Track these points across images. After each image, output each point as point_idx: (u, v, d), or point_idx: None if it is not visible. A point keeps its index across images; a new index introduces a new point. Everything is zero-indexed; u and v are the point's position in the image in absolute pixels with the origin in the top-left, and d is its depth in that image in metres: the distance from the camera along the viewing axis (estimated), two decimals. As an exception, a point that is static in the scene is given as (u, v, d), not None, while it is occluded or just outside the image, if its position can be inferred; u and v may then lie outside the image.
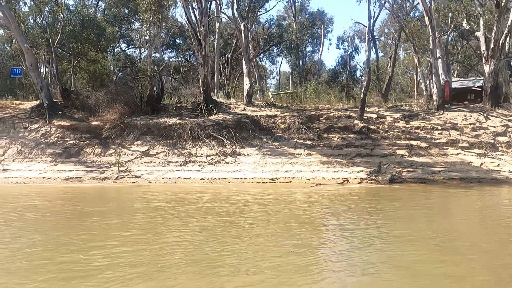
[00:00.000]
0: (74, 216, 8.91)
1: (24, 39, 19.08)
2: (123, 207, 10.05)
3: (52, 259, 5.86)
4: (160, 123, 18.63)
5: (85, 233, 7.31)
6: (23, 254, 6.10)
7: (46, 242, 6.80)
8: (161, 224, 8.12)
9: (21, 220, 8.47)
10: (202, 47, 18.70)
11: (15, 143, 18.07)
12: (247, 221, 8.29)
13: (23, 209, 9.58)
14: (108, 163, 16.54)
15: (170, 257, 5.95)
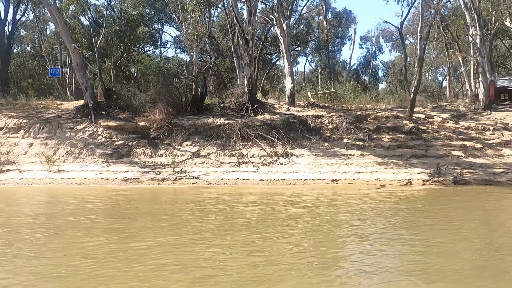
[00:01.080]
0: (180, 220, 8.73)
1: (71, 39, 19.00)
2: (216, 210, 9.83)
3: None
4: (207, 123, 18.49)
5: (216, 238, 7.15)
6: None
7: (196, 241, 6.65)
8: (292, 228, 7.77)
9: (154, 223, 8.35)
10: (249, 47, 18.54)
11: (63, 143, 18.02)
12: (371, 228, 7.89)
13: (131, 211, 9.48)
14: (161, 164, 16.44)
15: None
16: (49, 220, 8.67)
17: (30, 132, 18.79)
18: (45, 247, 6.50)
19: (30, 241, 6.89)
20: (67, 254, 6.09)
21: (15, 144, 18.09)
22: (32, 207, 10.21)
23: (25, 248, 6.46)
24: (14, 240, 6.92)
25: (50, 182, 14.58)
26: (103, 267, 5.51)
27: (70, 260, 5.78)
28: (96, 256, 5.97)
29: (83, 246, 6.48)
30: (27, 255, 6.04)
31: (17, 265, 5.62)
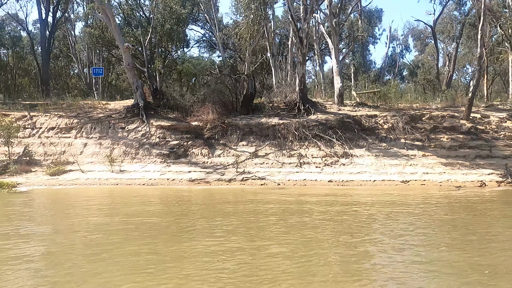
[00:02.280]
0: (292, 223, 8.53)
1: (123, 38, 18.86)
2: (312, 211, 9.63)
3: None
4: (262, 123, 18.29)
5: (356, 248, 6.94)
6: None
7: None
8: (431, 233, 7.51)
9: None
10: (303, 45, 18.31)
11: (118, 143, 17.90)
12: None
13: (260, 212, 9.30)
14: (221, 164, 16.26)
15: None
16: (180, 221, 8.51)
17: (82, 132, 18.69)
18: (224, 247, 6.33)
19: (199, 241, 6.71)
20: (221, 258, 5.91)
21: (69, 144, 18.00)
22: (141, 207, 10.01)
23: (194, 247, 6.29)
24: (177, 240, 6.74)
25: (117, 182, 14.45)
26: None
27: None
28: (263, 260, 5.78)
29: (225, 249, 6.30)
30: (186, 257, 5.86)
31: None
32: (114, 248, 6.48)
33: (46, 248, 6.59)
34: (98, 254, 6.15)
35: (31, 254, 6.20)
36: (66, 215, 9.29)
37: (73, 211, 9.73)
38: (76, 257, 6.11)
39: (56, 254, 6.27)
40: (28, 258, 6.01)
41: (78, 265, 5.71)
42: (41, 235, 7.42)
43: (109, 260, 5.89)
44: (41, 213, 9.70)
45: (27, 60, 44.86)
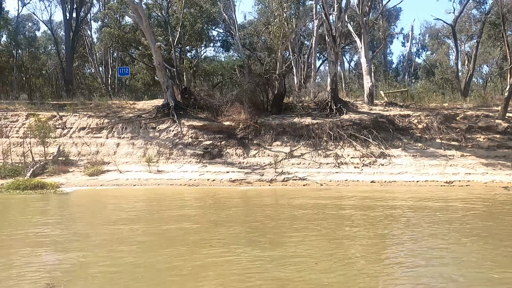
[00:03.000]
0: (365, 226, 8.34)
1: (154, 38, 18.75)
2: (376, 215, 9.43)
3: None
4: (295, 123, 18.14)
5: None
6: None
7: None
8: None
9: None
10: (336, 44, 18.15)
11: (151, 143, 17.80)
12: None
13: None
14: (258, 164, 16.12)
15: None
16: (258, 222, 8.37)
17: (114, 132, 18.61)
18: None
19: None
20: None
21: (102, 144, 17.92)
22: (209, 210, 9.87)
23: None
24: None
25: (158, 183, 14.33)
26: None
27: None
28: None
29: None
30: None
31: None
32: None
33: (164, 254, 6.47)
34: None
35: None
36: (139, 218, 9.14)
37: (141, 214, 9.52)
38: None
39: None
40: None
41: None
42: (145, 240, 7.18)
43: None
44: (109, 217, 9.39)
45: (41, 60, 44.91)
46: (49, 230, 7.80)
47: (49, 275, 5.26)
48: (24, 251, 6.32)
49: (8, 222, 8.66)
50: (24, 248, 6.50)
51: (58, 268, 5.60)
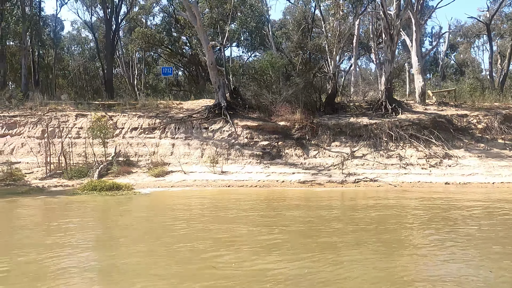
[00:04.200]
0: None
1: (207, 38, 18.52)
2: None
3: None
4: (352, 123, 17.84)
5: None
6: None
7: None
8: None
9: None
10: (393, 43, 17.82)
11: (206, 144, 17.57)
12: None
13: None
14: (321, 165, 15.84)
15: None
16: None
17: (167, 132, 18.40)
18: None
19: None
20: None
21: (157, 144, 17.71)
22: (306, 211, 9.56)
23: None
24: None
25: (226, 184, 14.08)
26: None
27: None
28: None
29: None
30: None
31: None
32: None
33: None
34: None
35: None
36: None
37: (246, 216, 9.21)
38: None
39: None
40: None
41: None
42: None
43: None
44: (225, 217, 9.06)
45: (65, 61, 44.93)
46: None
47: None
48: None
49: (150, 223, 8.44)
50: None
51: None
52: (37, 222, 9.02)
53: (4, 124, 18.66)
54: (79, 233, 7.64)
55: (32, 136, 18.18)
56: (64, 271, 5.48)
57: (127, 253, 6.31)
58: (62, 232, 7.57)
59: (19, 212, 10.11)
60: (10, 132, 18.46)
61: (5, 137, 18.25)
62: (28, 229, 8.08)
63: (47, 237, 7.27)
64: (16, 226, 8.40)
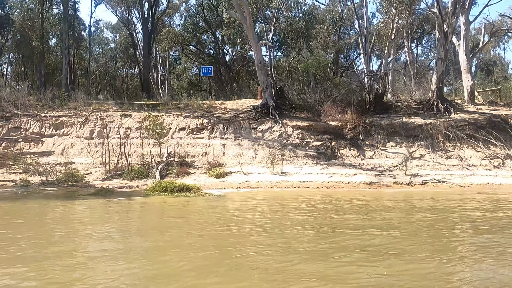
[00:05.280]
0: None
1: (256, 37, 18.26)
2: None
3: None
4: (406, 123, 17.52)
5: None
6: None
7: None
8: None
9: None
10: (447, 41, 17.47)
11: (258, 144, 17.31)
12: None
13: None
14: (380, 166, 15.53)
15: None
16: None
17: (215, 132, 18.15)
18: None
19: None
20: None
21: (207, 145, 17.47)
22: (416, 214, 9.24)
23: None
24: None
25: (292, 185, 13.77)
26: None
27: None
28: None
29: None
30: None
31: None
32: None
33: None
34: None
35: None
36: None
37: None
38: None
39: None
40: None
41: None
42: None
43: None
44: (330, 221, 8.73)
45: (85, 61, 44.94)
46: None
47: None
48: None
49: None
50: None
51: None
52: (174, 222, 8.77)
53: (51, 125, 18.50)
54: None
55: (80, 136, 18.01)
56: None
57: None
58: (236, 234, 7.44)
59: (130, 214, 9.94)
60: (58, 133, 18.31)
61: (53, 138, 18.11)
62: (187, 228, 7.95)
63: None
64: (169, 227, 8.28)
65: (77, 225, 8.47)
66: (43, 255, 6.17)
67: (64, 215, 9.54)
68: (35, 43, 24.39)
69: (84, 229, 8.07)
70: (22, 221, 8.79)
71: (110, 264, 5.77)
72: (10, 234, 7.42)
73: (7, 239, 7.04)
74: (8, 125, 18.18)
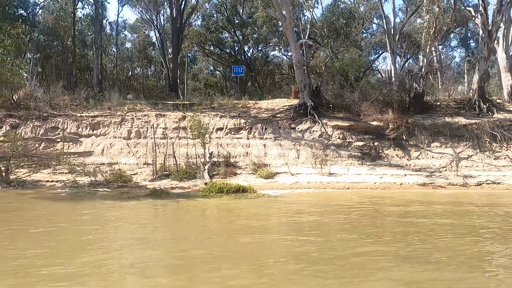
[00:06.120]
0: None
1: (295, 36, 18.03)
2: None
3: None
4: (450, 123, 17.22)
5: None
6: None
7: None
8: None
9: None
10: (491, 40, 17.16)
11: (298, 144, 17.07)
12: None
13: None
14: (429, 167, 15.27)
15: None
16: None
17: (254, 132, 17.93)
18: None
19: None
20: None
21: (247, 145, 17.26)
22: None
23: None
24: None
25: (345, 186, 13.55)
26: None
27: None
28: None
29: None
30: None
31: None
32: None
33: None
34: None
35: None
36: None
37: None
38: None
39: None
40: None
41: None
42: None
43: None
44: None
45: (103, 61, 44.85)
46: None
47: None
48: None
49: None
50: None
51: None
52: (259, 224, 8.51)
53: (88, 125, 18.36)
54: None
55: (118, 136, 17.86)
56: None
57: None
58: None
59: (205, 215, 9.83)
60: (95, 133, 18.16)
61: (90, 138, 17.96)
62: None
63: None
64: (257, 228, 8.05)
65: (162, 226, 8.33)
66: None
67: (145, 216, 9.45)
68: (67, 43, 24.29)
69: (176, 231, 7.89)
70: (121, 223, 8.62)
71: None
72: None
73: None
74: (46, 125, 18.05)
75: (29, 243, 6.70)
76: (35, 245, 6.51)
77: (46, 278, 5.10)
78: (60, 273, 5.27)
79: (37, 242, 6.75)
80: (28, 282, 4.97)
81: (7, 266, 5.48)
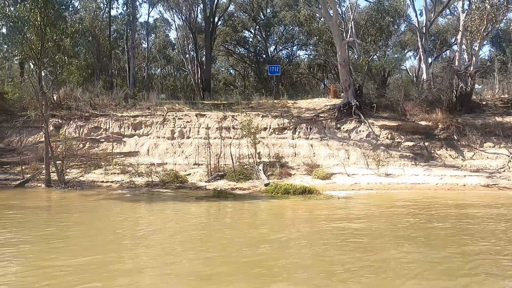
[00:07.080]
0: None
1: (341, 35, 17.72)
2: None
3: None
4: (502, 122, 16.85)
5: None
6: None
7: None
8: None
9: None
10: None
11: (346, 144, 16.77)
12: None
13: None
14: (486, 167, 14.92)
15: None
16: None
17: (298, 132, 17.66)
18: None
19: None
20: None
21: (293, 145, 16.98)
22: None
23: None
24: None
25: (405, 187, 13.25)
26: None
27: None
28: None
29: None
30: None
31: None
32: None
33: None
34: None
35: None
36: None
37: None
38: None
39: None
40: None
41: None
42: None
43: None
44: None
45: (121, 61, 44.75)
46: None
47: None
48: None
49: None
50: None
51: None
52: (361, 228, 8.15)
53: (130, 125, 18.17)
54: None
55: (162, 136, 17.65)
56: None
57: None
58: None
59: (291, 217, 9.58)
60: (138, 133, 17.97)
61: (133, 138, 17.78)
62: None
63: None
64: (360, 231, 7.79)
65: (277, 228, 8.17)
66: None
67: (247, 216, 9.28)
68: (104, 42, 24.13)
69: (275, 232, 7.66)
70: (239, 224, 8.48)
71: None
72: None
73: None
74: (88, 125, 17.89)
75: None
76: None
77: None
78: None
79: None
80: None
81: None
